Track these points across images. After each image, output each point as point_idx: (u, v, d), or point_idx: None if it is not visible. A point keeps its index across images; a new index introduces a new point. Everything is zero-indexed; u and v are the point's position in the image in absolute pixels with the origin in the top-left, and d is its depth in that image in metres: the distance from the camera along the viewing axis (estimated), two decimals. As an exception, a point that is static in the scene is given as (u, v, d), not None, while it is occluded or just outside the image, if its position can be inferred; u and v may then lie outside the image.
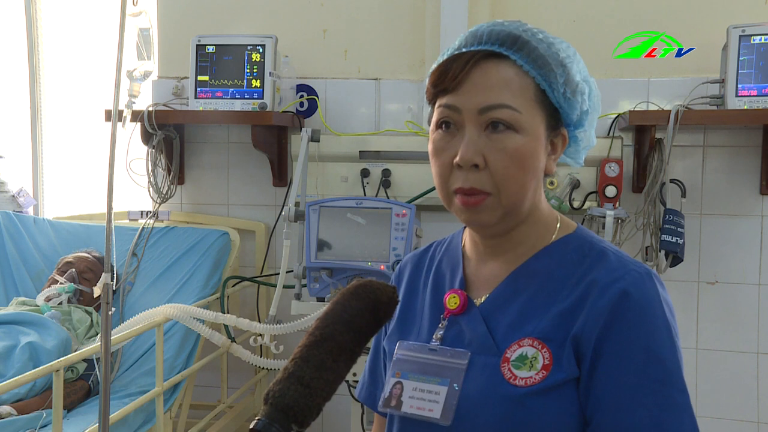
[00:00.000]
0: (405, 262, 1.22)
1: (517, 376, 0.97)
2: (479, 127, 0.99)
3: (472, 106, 0.98)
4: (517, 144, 0.98)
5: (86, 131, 3.27)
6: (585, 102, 1.04)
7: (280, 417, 0.79)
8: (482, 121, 0.98)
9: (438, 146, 1.02)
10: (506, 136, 0.98)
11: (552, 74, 1.00)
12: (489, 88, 0.98)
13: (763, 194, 2.67)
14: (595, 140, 1.11)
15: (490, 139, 0.98)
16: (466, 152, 0.98)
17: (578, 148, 1.09)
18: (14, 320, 2.52)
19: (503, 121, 0.98)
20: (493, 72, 0.99)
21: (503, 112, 0.98)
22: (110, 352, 1.85)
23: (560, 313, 0.98)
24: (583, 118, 1.06)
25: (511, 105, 0.98)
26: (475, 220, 1.02)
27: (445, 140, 1.01)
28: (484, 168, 0.98)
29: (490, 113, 0.98)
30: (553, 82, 1.00)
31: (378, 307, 0.87)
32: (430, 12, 2.79)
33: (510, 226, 1.04)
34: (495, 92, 0.98)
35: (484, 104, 0.98)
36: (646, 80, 2.73)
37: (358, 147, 2.83)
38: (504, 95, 0.98)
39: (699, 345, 2.74)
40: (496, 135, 0.98)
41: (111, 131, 1.78)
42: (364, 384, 1.23)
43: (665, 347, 0.95)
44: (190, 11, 3.04)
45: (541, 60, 1.00)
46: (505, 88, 0.99)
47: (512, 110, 0.98)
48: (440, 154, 1.01)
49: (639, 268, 0.99)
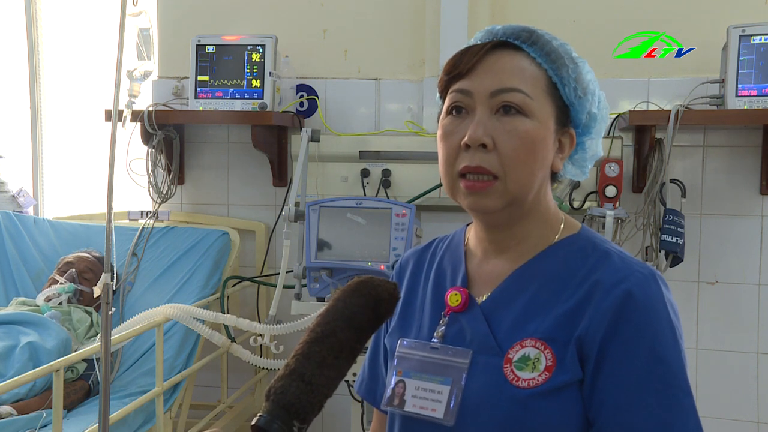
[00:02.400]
0: (407, 258, 1.21)
1: (520, 377, 0.96)
2: (490, 110, 0.99)
3: (484, 89, 0.99)
4: (528, 128, 0.98)
5: (86, 131, 3.27)
6: (594, 104, 1.05)
7: (281, 413, 0.79)
8: (493, 104, 0.99)
9: (447, 130, 1.02)
10: (517, 120, 0.98)
11: (564, 68, 1.01)
12: (501, 72, 0.99)
13: (763, 194, 2.67)
14: (601, 151, 1.11)
15: (501, 122, 0.98)
16: (475, 131, 0.98)
17: (585, 156, 1.09)
18: (14, 320, 2.52)
19: (515, 105, 0.98)
20: (507, 59, 1.01)
21: (515, 95, 0.98)
22: (110, 352, 1.85)
23: (563, 314, 0.98)
24: (591, 123, 1.06)
25: (524, 90, 0.99)
26: (479, 205, 1.01)
27: (454, 124, 1.01)
28: (493, 149, 0.98)
29: (502, 96, 0.98)
30: (565, 77, 1.02)
31: (379, 303, 0.86)
32: (430, 12, 2.79)
33: (514, 216, 1.03)
34: (508, 76, 0.99)
35: (496, 87, 0.99)
36: (646, 80, 2.73)
37: (358, 147, 2.83)
38: (516, 80, 0.99)
39: (699, 345, 2.74)
40: (506, 118, 0.98)
41: (111, 131, 1.78)
42: (363, 380, 1.22)
43: (670, 349, 0.94)
44: (190, 11, 3.04)
45: (554, 54, 1.01)
46: (518, 73, 1.00)
47: (524, 95, 0.99)
48: (448, 137, 1.01)
49: (643, 269, 0.99)
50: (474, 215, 1.07)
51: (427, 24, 2.81)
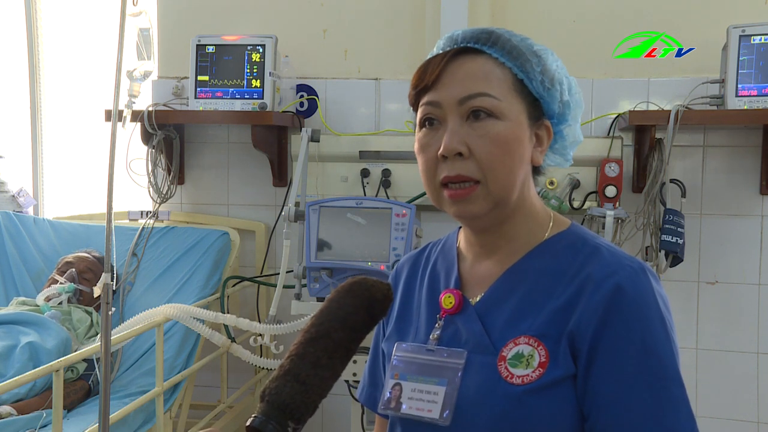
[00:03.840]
0: (402, 263, 1.22)
1: (514, 374, 0.97)
2: (461, 118, 1.00)
3: (452, 98, 1.00)
4: (500, 130, 0.99)
5: (86, 131, 3.27)
6: (565, 93, 1.06)
7: (276, 414, 0.79)
8: (463, 111, 1.00)
9: (422, 143, 1.03)
10: (488, 123, 0.99)
11: (528, 63, 1.02)
12: (466, 79, 1.00)
13: (763, 194, 2.67)
14: (581, 136, 1.12)
15: (472, 128, 0.99)
16: (449, 142, 0.99)
17: (564, 143, 1.10)
18: (14, 320, 2.52)
19: (484, 109, 0.99)
20: (470, 64, 1.01)
21: (483, 100, 0.99)
22: (110, 352, 1.85)
23: (555, 310, 0.98)
24: (566, 111, 1.07)
25: (490, 93, 1.00)
26: (465, 212, 1.02)
27: (429, 136, 1.03)
28: (469, 156, 0.99)
29: (470, 102, 0.99)
30: (530, 71, 1.02)
31: (373, 304, 0.87)
32: (430, 12, 2.79)
33: (501, 218, 1.04)
34: (473, 82, 1.00)
35: (463, 94, 0.99)
36: (646, 80, 2.73)
37: (358, 147, 2.83)
38: (482, 84, 1.00)
39: (699, 345, 2.74)
40: (477, 123, 0.99)
41: (111, 131, 1.78)
42: (364, 386, 1.23)
43: (660, 341, 0.95)
44: (190, 11, 3.04)
45: (515, 51, 1.02)
46: (482, 77, 1.00)
47: (492, 98, 0.99)
48: (425, 150, 1.03)
49: (632, 263, 0.99)
50: (461, 221, 1.08)
51: (427, 24, 2.81)
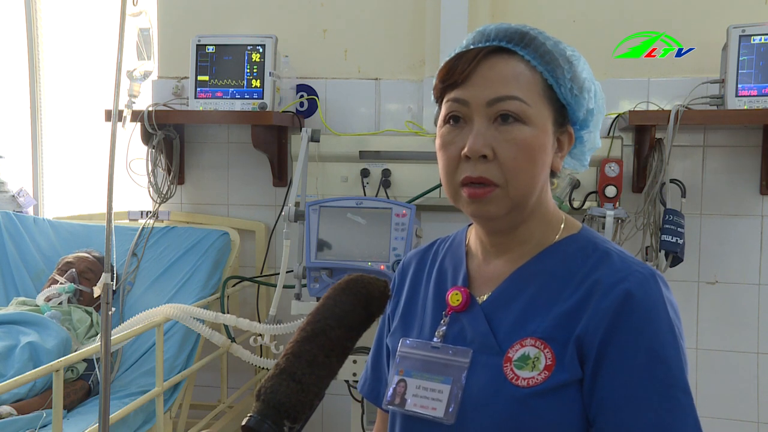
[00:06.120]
0: (409, 258, 1.21)
1: (520, 376, 0.96)
2: (488, 120, 0.98)
3: (481, 99, 0.98)
4: (526, 135, 0.98)
5: (86, 131, 3.27)
6: (591, 100, 1.05)
7: (272, 413, 0.79)
8: (491, 113, 0.98)
9: (446, 140, 1.02)
10: (515, 128, 0.98)
11: (559, 69, 1.01)
12: (497, 80, 0.99)
13: (763, 194, 2.66)
14: (599, 142, 1.11)
15: (499, 131, 0.98)
16: (474, 143, 0.97)
17: (583, 149, 1.09)
18: (14, 320, 2.52)
19: (512, 113, 0.98)
20: (502, 66, 1.00)
21: (512, 103, 0.98)
22: (110, 352, 1.86)
23: (563, 314, 0.98)
24: (589, 117, 1.06)
25: (520, 97, 0.98)
26: (482, 212, 1.01)
27: (453, 134, 1.01)
28: (493, 159, 0.98)
29: (499, 105, 0.98)
30: (561, 77, 1.01)
31: (370, 301, 0.86)
32: (430, 12, 2.79)
33: (516, 221, 1.03)
34: (503, 85, 0.98)
35: (492, 96, 0.98)
36: (646, 80, 2.73)
37: (358, 147, 2.83)
38: (513, 88, 0.98)
39: (699, 345, 2.74)
40: (505, 127, 0.98)
41: (111, 131, 1.78)
42: (366, 379, 1.22)
43: (669, 348, 0.94)
44: (190, 11, 3.04)
45: (548, 56, 1.00)
46: (513, 81, 0.99)
47: (521, 102, 0.98)
48: (448, 147, 1.01)
49: (643, 269, 0.98)
50: (477, 221, 1.07)
51: (427, 24, 2.81)
